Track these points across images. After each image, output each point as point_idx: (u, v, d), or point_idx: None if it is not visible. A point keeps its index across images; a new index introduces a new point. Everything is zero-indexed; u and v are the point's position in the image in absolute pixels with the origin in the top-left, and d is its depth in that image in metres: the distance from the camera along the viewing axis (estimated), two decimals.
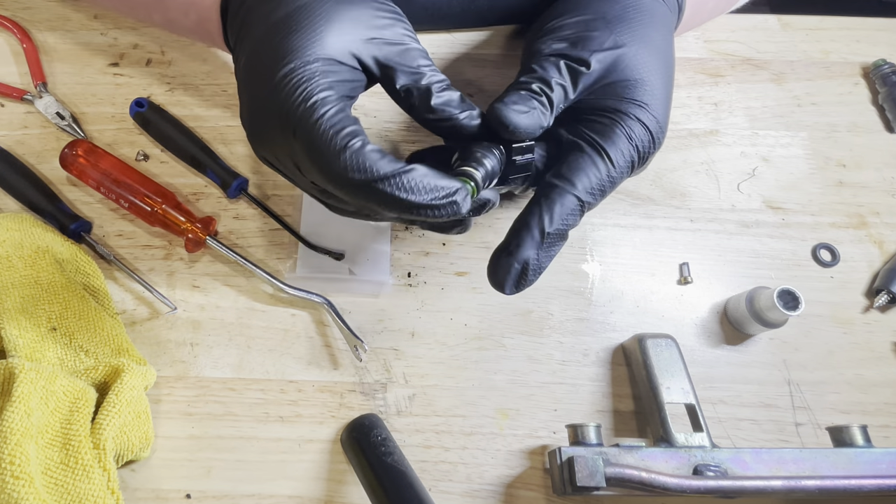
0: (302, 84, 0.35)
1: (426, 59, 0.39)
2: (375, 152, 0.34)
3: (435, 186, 0.34)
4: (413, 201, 0.34)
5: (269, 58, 0.37)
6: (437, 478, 0.43)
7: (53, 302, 0.44)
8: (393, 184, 0.33)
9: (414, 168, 0.34)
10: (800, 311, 0.44)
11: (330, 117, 0.35)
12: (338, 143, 0.34)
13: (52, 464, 0.37)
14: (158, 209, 0.48)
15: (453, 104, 0.38)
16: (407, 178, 0.33)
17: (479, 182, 0.37)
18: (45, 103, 0.54)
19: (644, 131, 0.41)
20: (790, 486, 0.38)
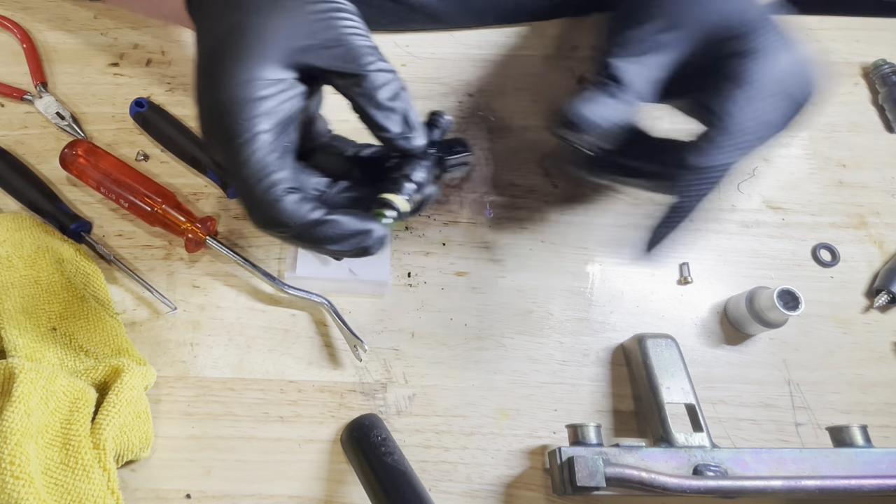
0: (234, 116, 0.35)
1: (370, 56, 0.37)
2: (293, 203, 0.35)
3: (350, 233, 0.35)
4: (330, 249, 0.36)
5: (208, 80, 0.36)
6: (437, 478, 0.43)
7: (53, 302, 0.44)
8: (309, 236, 0.35)
9: (330, 220, 0.35)
10: (800, 311, 0.44)
11: (256, 162, 0.35)
12: (258, 193, 0.35)
13: (52, 464, 0.37)
14: (158, 209, 0.48)
15: (393, 123, 0.37)
16: (322, 231, 0.35)
17: (400, 209, 0.37)
18: (45, 103, 0.54)
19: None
20: (790, 486, 0.38)
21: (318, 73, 0.37)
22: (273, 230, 0.35)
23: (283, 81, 0.36)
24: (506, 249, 0.51)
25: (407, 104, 0.37)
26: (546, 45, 0.59)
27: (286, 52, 0.36)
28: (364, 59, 0.36)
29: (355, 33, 0.37)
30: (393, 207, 0.37)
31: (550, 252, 0.51)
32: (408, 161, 0.38)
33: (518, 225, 0.52)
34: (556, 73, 0.57)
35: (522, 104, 0.56)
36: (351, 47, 0.37)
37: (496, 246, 0.51)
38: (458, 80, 0.57)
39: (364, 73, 0.36)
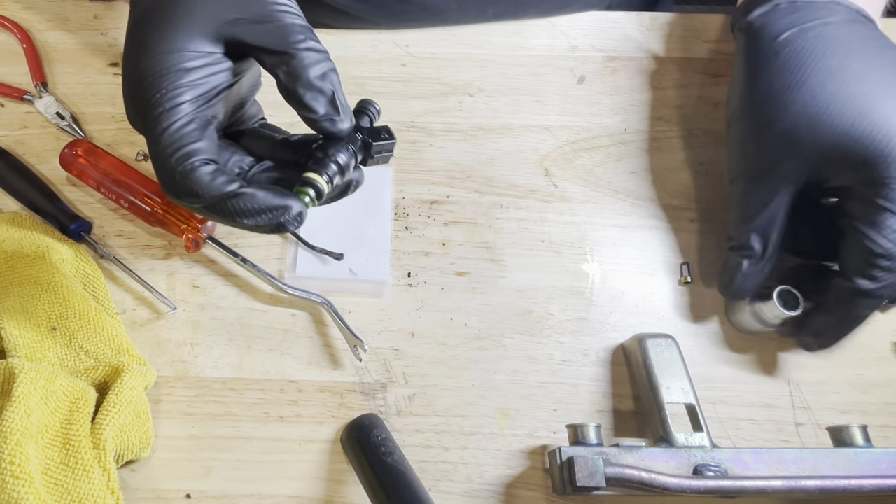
0: (155, 85, 0.35)
1: (300, 34, 0.36)
2: (207, 175, 0.35)
3: (265, 207, 0.35)
4: (243, 223, 0.35)
5: (134, 49, 0.36)
6: (437, 478, 0.43)
7: (53, 302, 0.44)
8: (221, 208, 0.35)
9: (244, 193, 0.35)
10: (800, 310, 0.44)
11: (173, 132, 0.35)
12: (172, 163, 0.35)
13: (52, 464, 0.37)
14: (158, 209, 0.48)
15: (319, 104, 0.36)
16: (235, 203, 0.35)
17: (322, 189, 0.37)
18: (45, 103, 0.54)
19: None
20: (790, 486, 0.38)
21: (246, 50, 0.37)
22: (185, 200, 0.35)
23: (209, 55, 0.36)
24: (506, 249, 0.51)
25: (335, 86, 0.36)
26: (546, 44, 0.59)
27: (214, 25, 0.36)
28: (293, 37, 0.36)
29: (286, 11, 0.37)
30: (314, 186, 0.37)
31: (550, 252, 0.51)
32: (332, 143, 0.38)
33: (518, 225, 0.52)
34: (555, 73, 0.57)
35: (522, 104, 0.56)
36: (281, 24, 0.36)
37: (496, 246, 0.51)
38: (458, 80, 0.57)
39: (292, 52, 0.36)
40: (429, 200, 0.52)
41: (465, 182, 0.53)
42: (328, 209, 0.51)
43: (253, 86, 0.42)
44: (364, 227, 0.50)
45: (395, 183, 0.52)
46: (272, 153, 0.41)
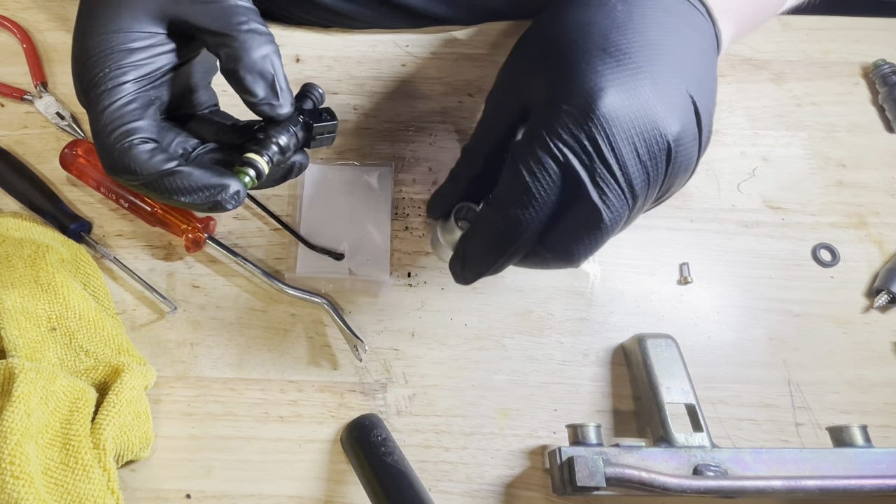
0: (99, 64, 0.35)
1: (244, 16, 0.36)
2: (145, 153, 0.35)
3: (202, 186, 0.35)
4: (180, 201, 0.35)
5: (80, 28, 0.36)
6: (437, 478, 0.43)
7: (53, 302, 0.44)
8: (158, 186, 0.35)
9: (180, 171, 0.35)
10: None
11: (113, 111, 0.35)
12: (111, 140, 0.35)
13: (52, 464, 0.37)
14: (158, 209, 0.48)
15: (259, 87, 0.36)
16: (172, 181, 0.35)
17: (261, 169, 0.37)
18: (45, 103, 0.54)
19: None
20: (790, 486, 0.38)
21: (190, 30, 0.37)
22: (123, 177, 0.35)
23: (154, 35, 0.36)
24: None
25: (276, 69, 0.36)
26: None
27: (158, 5, 0.36)
28: (236, 19, 0.36)
29: None
30: (253, 166, 0.37)
31: None
32: (273, 125, 0.38)
33: None
34: None
35: None
36: (224, 5, 0.36)
37: None
38: (458, 79, 0.57)
39: (234, 34, 0.36)
40: None
41: None
42: (328, 209, 0.51)
43: (206, 72, 0.42)
44: (364, 227, 0.50)
45: (395, 183, 0.52)
46: (217, 137, 0.41)
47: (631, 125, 0.33)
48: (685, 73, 0.35)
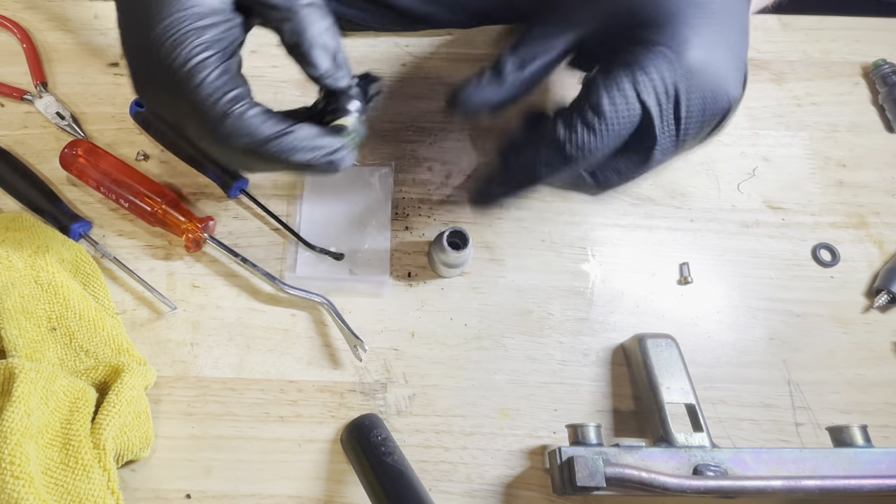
0: (178, 45, 0.34)
1: None
2: (258, 115, 0.35)
3: (318, 146, 0.35)
4: (296, 161, 0.35)
5: (142, 12, 0.35)
6: (437, 478, 0.43)
7: (53, 302, 0.44)
8: (276, 146, 0.35)
9: (296, 129, 0.35)
10: (467, 249, 0.45)
11: (211, 81, 0.34)
12: (220, 109, 0.34)
13: (52, 464, 0.37)
14: (158, 209, 0.48)
15: (323, 60, 0.36)
16: (289, 140, 0.35)
17: (361, 132, 0.38)
18: (45, 103, 0.54)
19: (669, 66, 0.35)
20: (790, 486, 0.38)
21: (253, 5, 0.36)
22: (239, 142, 0.35)
23: (222, 11, 0.36)
24: (506, 249, 0.51)
25: (337, 41, 0.36)
26: None
27: None
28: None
29: None
30: (354, 130, 0.37)
31: (550, 252, 0.51)
32: (340, 95, 0.38)
33: (518, 225, 0.52)
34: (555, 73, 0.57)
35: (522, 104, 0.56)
36: None
37: (496, 246, 0.51)
38: (458, 80, 0.57)
39: (296, 8, 0.35)
40: (429, 200, 0.52)
41: (465, 182, 0.53)
42: (328, 209, 0.51)
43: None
44: (364, 227, 0.50)
45: (395, 183, 0.52)
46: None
47: (707, 82, 0.35)
48: (745, 39, 0.38)
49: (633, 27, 0.37)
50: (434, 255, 0.48)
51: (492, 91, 0.40)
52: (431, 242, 0.49)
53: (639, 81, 0.35)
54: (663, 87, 0.35)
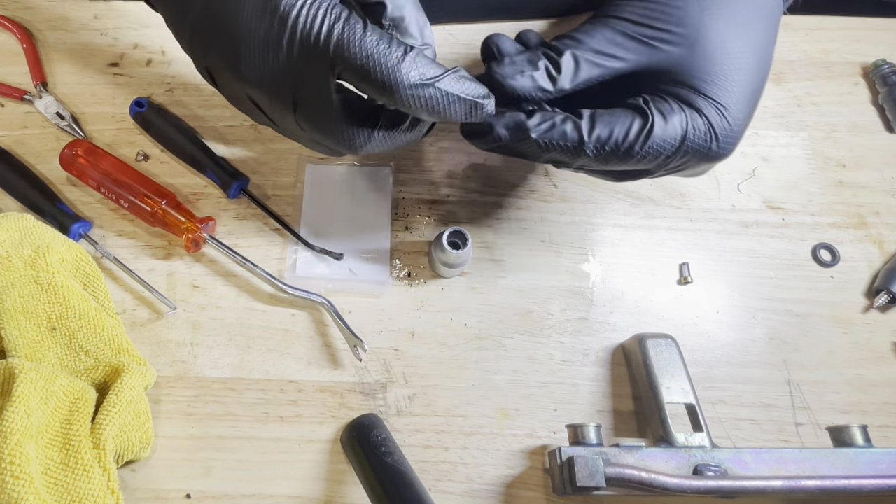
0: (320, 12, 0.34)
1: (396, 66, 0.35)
2: (425, 56, 0.36)
3: (475, 89, 0.37)
4: (465, 97, 0.36)
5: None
6: (437, 478, 0.43)
7: (53, 302, 0.44)
8: (448, 84, 0.36)
9: (458, 69, 0.36)
10: (467, 249, 0.46)
11: (370, 35, 0.34)
12: (396, 54, 0.34)
13: (52, 464, 0.37)
14: (158, 209, 0.48)
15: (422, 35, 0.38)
16: (458, 77, 0.36)
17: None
18: (45, 103, 0.54)
19: (707, 133, 0.39)
20: (790, 486, 0.38)
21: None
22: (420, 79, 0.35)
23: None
24: (506, 249, 0.51)
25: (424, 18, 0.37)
26: None
27: None
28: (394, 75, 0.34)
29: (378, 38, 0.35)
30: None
31: (550, 252, 0.51)
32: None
33: (518, 225, 0.52)
34: None
35: None
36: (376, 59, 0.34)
37: (496, 246, 0.51)
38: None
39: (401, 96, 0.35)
40: (429, 200, 0.52)
41: (465, 182, 0.53)
42: (328, 209, 0.51)
43: None
44: (364, 227, 0.50)
45: (395, 183, 0.52)
46: None
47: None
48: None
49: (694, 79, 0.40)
50: (434, 255, 0.48)
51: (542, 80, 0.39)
52: (431, 242, 0.49)
53: (690, 125, 0.39)
54: (703, 138, 0.39)
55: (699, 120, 0.39)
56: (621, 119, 0.39)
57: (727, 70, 0.39)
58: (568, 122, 0.39)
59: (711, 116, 0.39)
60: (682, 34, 0.39)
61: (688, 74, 0.39)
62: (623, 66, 0.40)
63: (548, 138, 0.39)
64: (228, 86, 0.38)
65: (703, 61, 0.39)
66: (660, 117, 0.39)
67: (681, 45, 0.39)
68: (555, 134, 0.39)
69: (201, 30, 0.37)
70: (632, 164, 0.40)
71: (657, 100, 0.40)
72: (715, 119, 0.39)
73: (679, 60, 0.40)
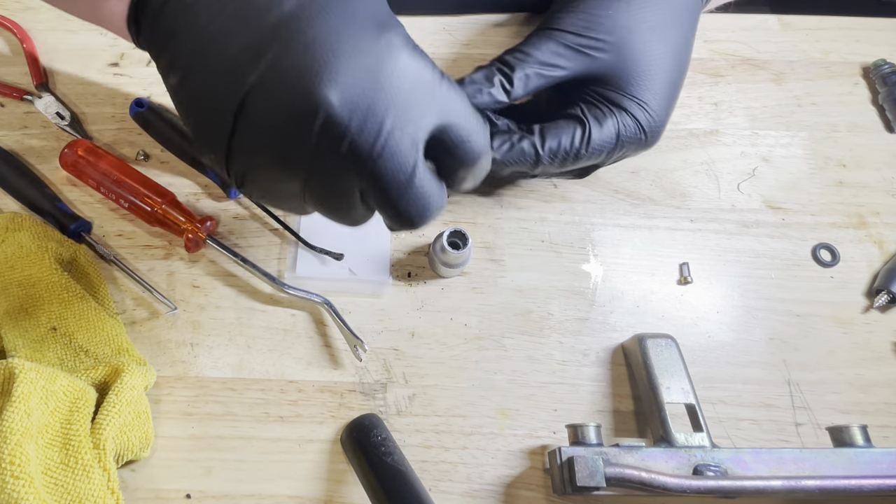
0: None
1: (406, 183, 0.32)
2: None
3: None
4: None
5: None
6: (437, 478, 0.43)
7: (53, 302, 0.44)
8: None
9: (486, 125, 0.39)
10: (467, 249, 0.46)
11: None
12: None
13: (52, 464, 0.37)
14: (158, 209, 0.48)
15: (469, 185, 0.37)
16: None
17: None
18: (45, 103, 0.54)
19: (636, 129, 0.45)
20: (790, 486, 0.38)
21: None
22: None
23: None
24: (506, 249, 0.51)
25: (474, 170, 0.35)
26: None
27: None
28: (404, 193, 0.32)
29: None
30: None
31: (550, 252, 0.51)
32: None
33: (518, 225, 0.52)
34: None
35: None
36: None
37: (496, 246, 0.51)
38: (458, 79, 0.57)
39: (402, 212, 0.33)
40: None
41: None
42: None
43: None
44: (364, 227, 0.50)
45: None
46: None
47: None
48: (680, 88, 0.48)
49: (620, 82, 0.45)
50: (434, 255, 0.48)
51: (499, 95, 0.45)
52: (431, 242, 0.49)
53: (621, 125, 0.44)
54: (634, 134, 0.45)
55: (627, 119, 0.44)
56: (565, 129, 0.45)
57: (648, 70, 0.44)
58: (523, 140, 0.45)
59: (637, 114, 0.44)
60: (610, 42, 0.44)
61: (615, 77, 0.44)
62: (564, 73, 0.45)
63: (509, 158, 0.45)
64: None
65: (628, 65, 0.44)
66: (595, 123, 0.44)
67: (609, 52, 0.44)
68: (514, 153, 0.45)
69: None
70: (581, 164, 0.46)
71: (591, 107, 0.45)
72: (640, 115, 0.44)
73: (608, 66, 0.44)
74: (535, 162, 0.45)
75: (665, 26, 0.45)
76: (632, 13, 0.45)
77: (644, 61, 0.44)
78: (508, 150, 0.44)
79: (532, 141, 0.44)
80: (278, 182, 0.32)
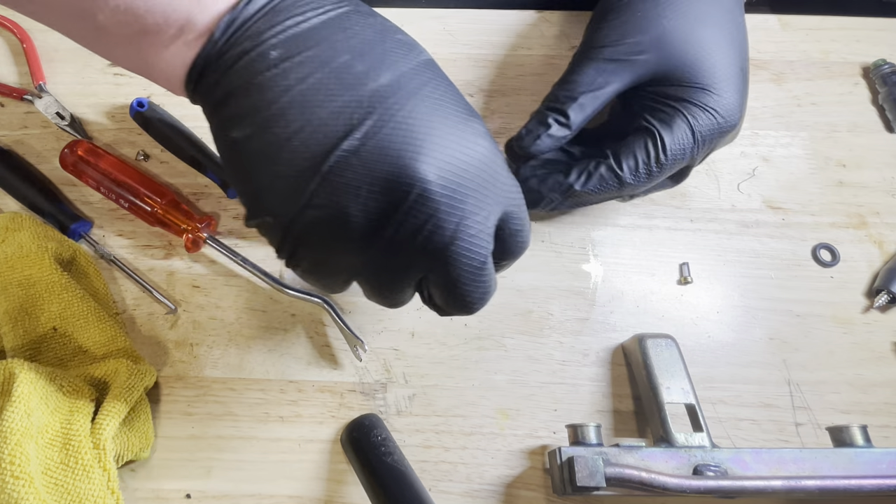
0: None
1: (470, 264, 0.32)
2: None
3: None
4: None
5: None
6: (437, 478, 0.43)
7: (53, 302, 0.44)
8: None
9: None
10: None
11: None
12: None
13: (52, 464, 0.37)
14: (158, 209, 0.48)
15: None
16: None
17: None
18: (45, 103, 0.54)
19: (709, 116, 0.42)
20: (790, 486, 0.38)
21: None
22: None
23: None
24: None
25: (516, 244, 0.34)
26: (546, 44, 0.59)
27: None
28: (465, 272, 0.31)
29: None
30: None
31: (550, 252, 0.51)
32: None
33: None
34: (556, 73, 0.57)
35: (522, 104, 0.56)
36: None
37: None
38: (458, 79, 0.56)
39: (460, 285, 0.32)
40: None
41: None
42: None
43: None
44: None
45: None
46: None
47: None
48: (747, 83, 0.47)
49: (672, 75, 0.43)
50: None
51: (558, 132, 0.44)
52: None
53: (691, 119, 0.42)
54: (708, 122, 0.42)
55: (695, 109, 0.42)
56: (637, 144, 0.43)
57: (696, 54, 0.42)
58: (600, 166, 0.44)
59: (703, 100, 0.42)
60: (646, 41, 0.43)
61: (666, 72, 0.43)
62: (616, 87, 0.44)
63: (590, 188, 0.44)
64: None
65: (672, 55, 0.42)
66: (664, 127, 0.42)
67: (649, 50, 0.43)
68: (594, 181, 0.44)
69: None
70: (668, 171, 0.44)
71: (655, 111, 0.43)
72: (707, 100, 0.42)
73: (654, 64, 0.43)
74: (619, 185, 0.43)
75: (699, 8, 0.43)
76: (660, 7, 0.43)
77: (688, 46, 0.42)
78: (587, 180, 0.44)
79: (609, 164, 0.43)
80: (338, 255, 0.31)
